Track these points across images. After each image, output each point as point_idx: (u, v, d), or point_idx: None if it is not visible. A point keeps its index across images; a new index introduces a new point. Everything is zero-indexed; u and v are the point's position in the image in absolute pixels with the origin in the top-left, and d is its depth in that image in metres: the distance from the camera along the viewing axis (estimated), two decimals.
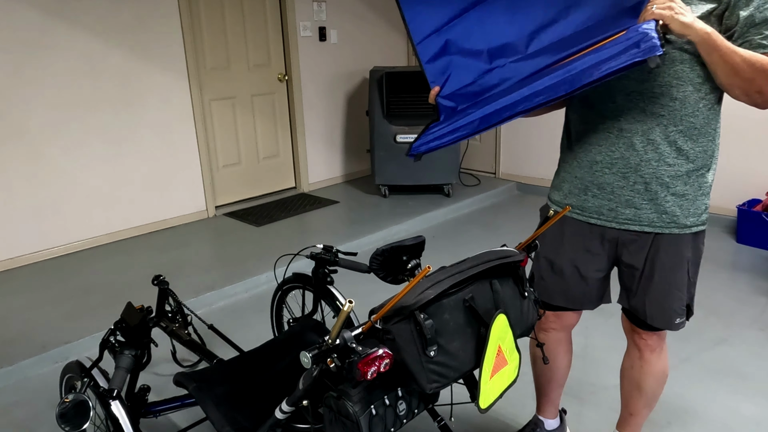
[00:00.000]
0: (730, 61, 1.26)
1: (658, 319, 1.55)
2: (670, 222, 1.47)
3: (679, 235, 1.48)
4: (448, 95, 1.63)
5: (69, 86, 3.65)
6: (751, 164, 3.90)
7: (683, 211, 1.46)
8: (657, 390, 1.69)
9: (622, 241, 1.54)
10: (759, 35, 1.28)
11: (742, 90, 1.31)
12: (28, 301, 3.11)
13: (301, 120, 5.00)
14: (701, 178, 1.46)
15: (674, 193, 1.45)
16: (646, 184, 1.45)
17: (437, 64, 1.65)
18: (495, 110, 1.42)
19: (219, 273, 3.40)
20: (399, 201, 4.76)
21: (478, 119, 1.44)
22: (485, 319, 1.19)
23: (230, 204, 4.74)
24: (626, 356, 1.72)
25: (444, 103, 1.63)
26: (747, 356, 2.49)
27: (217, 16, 4.38)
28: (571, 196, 1.59)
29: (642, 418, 1.75)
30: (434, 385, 1.13)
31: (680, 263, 1.50)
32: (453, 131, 1.50)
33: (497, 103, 1.42)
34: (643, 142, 1.42)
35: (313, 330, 1.91)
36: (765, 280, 3.21)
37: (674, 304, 1.53)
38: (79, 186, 3.80)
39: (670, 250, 1.49)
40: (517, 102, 1.38)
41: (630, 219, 1.49)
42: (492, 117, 1.42)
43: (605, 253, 1.58)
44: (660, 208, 1.46)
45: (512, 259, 1.29)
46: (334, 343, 1.10)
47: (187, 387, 1.62)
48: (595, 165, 1.51)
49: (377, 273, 1.60)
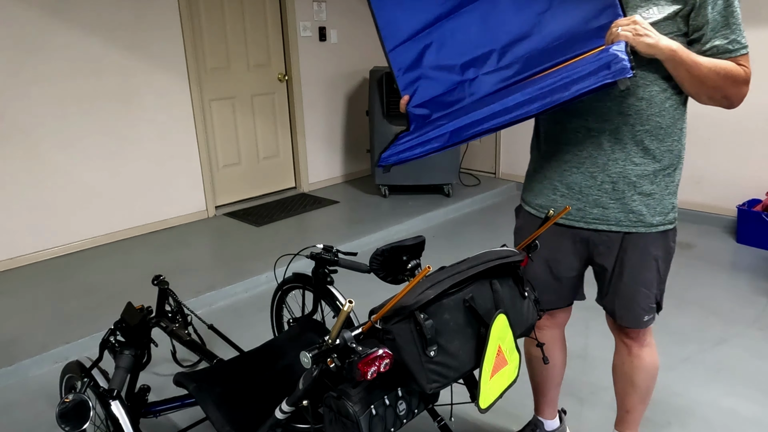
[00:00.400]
0: (697, 73, 1.30)
1: (626, 318, 1.58)
2: (636, 221, 1.48)
3: (646, 234, 1.49)
4: (419, 104, 1.63)
5: (69, 86, 3.65)
6: (751, 164, 3.90)
7: (650, 210, 1.47)
8: (650, 383, 1.71)
9: (593, 241, 1.56)
10: (724, 40, 1.32)
11: (708, 97, 1.35)
12: (28, 301, 3.11)
13: (301, 120, 5.00)
14: (668, 178, 1.47)
15: (641, 192, 1.46)
16: (613, 183, 1.47)
17: (409, 74, 1.64)
18: (466, 124, 1.41)
19: (219, 273, 3.40)
20: (399, 201, 4.76)
21: (449, 132, 1.43)
22: (485, 319, 1.19)
23: (230, 204, 4.74)
24: (616, 354, 1.73)
25: (416, 112, 1.63)
26: (747, 356, 2.49)
27: (217, 16, 4.38)
28: (541, 196, 1.61)
29: (639, 414, 1.76)
30: (434, 385, 1.13)
31: (648, 262, 1.52)
32: (424, 143, 1.48)
33: (469, 117, 1.41)
34: (610, 142, 1.44)
35: (313, 330, 1.91)
36: (765, 280, 3.21)
37: (642, 303, 1.55)
38: (79, 186, 3.80)
39: (638, 250, 1.50)
40: (487, 117, 1.37)
41: (598, 218, 1.51)
42: (463, 131, 1.41)
43: (577, 253, 1.60)
44: (627, 207, 1.47)
45: (512, 259, 1.29)
46: (334, 343, 1.10)
47: (187, 387, 1.62)
48: (563, 164, 1.52)
49: (377, 273, 1.60)
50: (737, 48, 1.32)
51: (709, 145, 4.04)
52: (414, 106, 1.63)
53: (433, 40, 1.60)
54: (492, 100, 1.42)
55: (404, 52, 1.63)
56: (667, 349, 2.53)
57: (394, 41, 1.64)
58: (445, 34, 1.58)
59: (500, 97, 1.40)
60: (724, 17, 1.31)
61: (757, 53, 3.70)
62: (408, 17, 1.61)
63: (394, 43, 1.64)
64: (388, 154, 1.55)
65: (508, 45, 1.50)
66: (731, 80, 1.31)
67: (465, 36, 1.55)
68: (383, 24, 1.64)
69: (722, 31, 1.32)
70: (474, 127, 1.39)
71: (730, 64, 1.32)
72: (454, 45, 1.57)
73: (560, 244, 1.60)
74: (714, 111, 3.92)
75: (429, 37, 1.60)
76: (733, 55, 1.33)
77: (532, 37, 1.46)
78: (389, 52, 1.64)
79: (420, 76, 1.63)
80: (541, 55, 1.44)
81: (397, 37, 1.64)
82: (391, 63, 1.65)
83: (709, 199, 4.14)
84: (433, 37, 1.60)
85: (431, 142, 1.46)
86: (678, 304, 2.95)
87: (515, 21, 1.47)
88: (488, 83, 1.53)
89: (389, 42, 1.64)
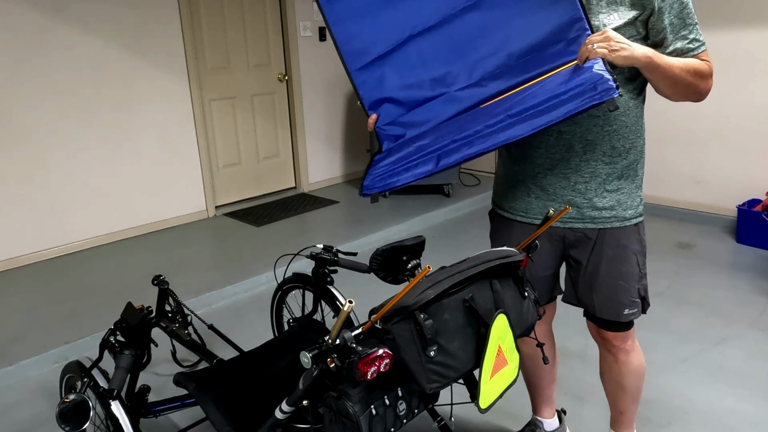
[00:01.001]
0: (671, 74, 1.34)
1: (606, 311, 1.59)
2: (610, 217, 1.52)
3: (621, 228, 1.53)
4: (389, 123, 1.59)
5: (69, 86, 3.65)
6: (750, 164, 3.90)
7: (621, 204, 1.52)
8: (639, 384, 1.72)
9: (569, 239, 1.58)
10: (685, 40, 1.38)
11: (681, 94, 1.41)
12: (28, 301, 3.11)
13: (301, 120, 5.00)
14: (634, 173, 1.53)
15: (612, 189, 1.51)
16: (586, 183, 1.51)
17: (375, 91, 1.59)
18: (453, 147, 1.37)
19: (219, 273, 3.40)
20: (399, 201, 4.76)
21: (436, 156, 1.38)
22: (485, 319, 1.19)
23: (230, 204, 4.74)
24: (602, 361, 1.74)
25: (387, 131, 1.59)
26: (747, 356, 2.49)
27: (217, 16, 4.38)
28: (516, 199, 1.62)
29: (632, 413, 1.78)
30: (434, 385, 1.13)
31: (625, 255, 1.55)
32: (410, 167, 1.42)
33: (454, 139, 1.37)
34: (581, 143, 1.48)
35: (313, 330, 1.91)
36: (765, 280, 3.21)
37: (621, 296, 1.56)
38: (79, 186, 3.80)
39: (614, 243, 1.54)
40: (475, 139, 1.34)
41: (573, 218, 1.54)
42: (452, 153, 1.37)
43: (553, 252, 1.62)
44: (599, 204, 1.51)
45: (512, 259, 1.29)
46: (334, 343, 1.10)
47: (187, 387, 1.62)
48: (536, 167, 1.55)
49: (377, 273, 1.60)
50: (698, 46, 1.39)
51: (709, 145, 4.04)
52: (384, 125, 1.59)
53: (399, 58, 1.55)
54: (473, 119, 1.40)
55: (369, 70, 1.58)
56: (667, 349, 2.54)
57: (357, 60, 1.59)
58: (410, 51, 1.54)
59: (482, 116, 1.39)
60: (681, 19, 1.37)
61: (756, 53, 3.71)
62: (369, 33, 1.56)
63: (357, 63, 1.59)
64: (370, 181, 1.48)
65: (478, 61, 1.48)
66: (699, 76, 1.37)
67: (432, 53, 1.52)
68: (342, 40, 1.58)
69: (681, 32, 1.38)
70: (462, 150, 1.35)
71: (696, 62, 1.38)
72: (421, 62, 1.54)
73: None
74: (714, 112, 3.93)
75: (394, 54, 1.55)
76: (695, 52, 1.39)
77: (500, 53, 1.46)
78: (352, 71, 1.59)
79: (387, 93, 1.58)
80: (512, 70, 1.44)
81: (359, 55, 1.58)
82: (354, 82, 1.60)
83: (709, 199, 4.14)
84: (398, 54, 1.55)
85: (418, 166, 1.41)
86: (678, 304, 2.96)
87: (483, 37, 1.46)
88: (462, 100, 1.50)
89: (351, 61, 1.59)
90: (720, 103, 3.88)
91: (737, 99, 3.81)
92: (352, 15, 1.55)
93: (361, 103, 1.62)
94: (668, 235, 3.96)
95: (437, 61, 1.53)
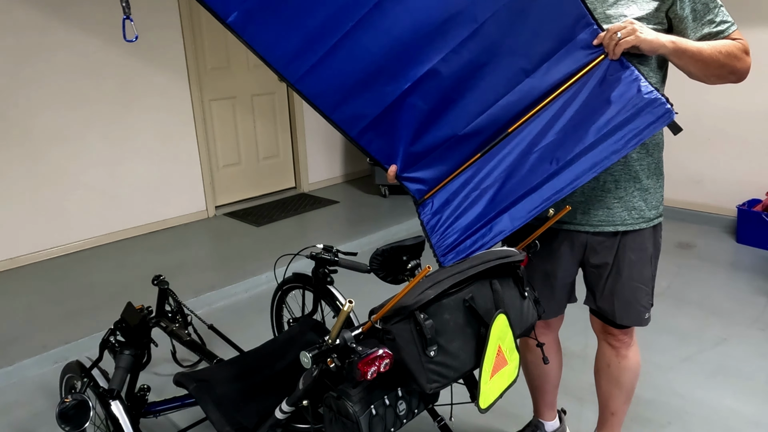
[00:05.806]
0: (700, 57, 1.32)
1: (627, 317, 1.57)
2: (638, 217, 1.50)
3: (642, 230, 1.51)
4: (411, 169, 1.56)
5: (69, 86, 3.65)
6: (750, 164, 3.89)
7: (647, 204, 1.50)
8: (634, 383, 1.71)
9: (591, 244, 1.54)
10: (711, 24, 1.35)
11: (716, 76, 1.37)
12: (28, 301, 3.11)
13: (301, 120, 5.00)
14: (657, 170, 1.51)
15: (639, 187, 1.48)
16: (616, 182, 1.47)
17: (385, 145, 1.55)
18: (522, 203, 1.37)
19: (219, 273, 3.40)
20: (399, 201, 4.75)
21: (507, 217, 1.38)
22: (485, 319, 1.19)
23: (230, 204, 4.74)
24: (600, 356, 1.72)
25: (412, 175, 1.56)
26: (747, 356, 2.49)
27: None
28: None
29: (623, 414, 1.76)
30: (434, 385, 1.13)
31: (645, 259, 1.53)
32: (485, 230, 1.40)
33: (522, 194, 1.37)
34: None
35: (313, 330, 1.91)
36: (765, 280, 3.21)
37: (642, 300, 1.55)
38: (79, 186, 3.80)
39: (635, 247, 1.51)
40: (543, 190, 1.35)
41: (603, 220, 1.50)
42: (524, 209, 1.37)
43: (575, 257, 1.59)
44: (629, 204, 1.48)
45: (512, 259, 1.29)
46: (334, 343, 1.10)
47: (187, 387, 1.62)
48: None
49: (377, 273, 1.60)
50: (727, 27, 1.36)
51: (709, 145, 4.04)
52: (406, 173, 1.57)
53: (403, 109, 1.48)
54: (527, 166, 1.38)
55: (372, 130, 1.52)
56: (667, 349, 2.53)
57: (354, 125, 1.52)
58: (414, 101, 1.46)
59: (535, 164, 1.37)
60: (704, 4, 1.35)
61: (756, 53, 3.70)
62: (362, 103, 1.48)
63: (356, 128, 1.52)
64: (444, 249, 1.45)
65: (487, 89, 1.43)
66: (733, 56, 1.34)
67: (435, 95, 1.45)
68: (329, 110, 1.49)
69: (707, 16, 1.35)
70: (534, 204, 1.36)
71: (727, 42, 1.35)
72: (428, 108, 1.47)
73: (558, 251, 1.58)
74: (714, 111, 3.92)
75: (394, 106, 1.48)
76: (726, 34, 1.36)
77: (511, 71, 1.41)
78: (354, 136, 1.53)
79: (400, 144, 1.53)
80: (528, 86, 1.41)
81: (355, 120, 1.51)
82: (359, 144, 1.54)
83: (709, 199, 4.14)
84: (400, 105, 1.48)
85: (493, 227, 1.39)
86: (678, 304, 2.95)
87: (487, 65, 1.41)
88: (483, 130, 1.46)
89: (349, 128, 1.52)
90: (720, 103, 3.87)
91: (737, 99, 3.80)
92: (336, 89, 1.47)
93: (372, 159, 1.59)
94: (668, 235, 3.95)
95: (443, 101, 1.47)
